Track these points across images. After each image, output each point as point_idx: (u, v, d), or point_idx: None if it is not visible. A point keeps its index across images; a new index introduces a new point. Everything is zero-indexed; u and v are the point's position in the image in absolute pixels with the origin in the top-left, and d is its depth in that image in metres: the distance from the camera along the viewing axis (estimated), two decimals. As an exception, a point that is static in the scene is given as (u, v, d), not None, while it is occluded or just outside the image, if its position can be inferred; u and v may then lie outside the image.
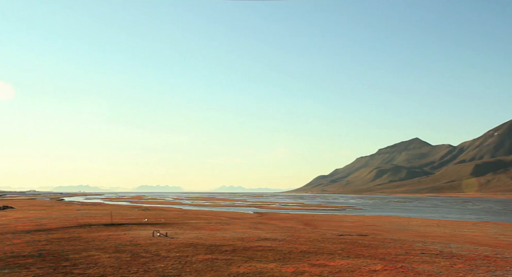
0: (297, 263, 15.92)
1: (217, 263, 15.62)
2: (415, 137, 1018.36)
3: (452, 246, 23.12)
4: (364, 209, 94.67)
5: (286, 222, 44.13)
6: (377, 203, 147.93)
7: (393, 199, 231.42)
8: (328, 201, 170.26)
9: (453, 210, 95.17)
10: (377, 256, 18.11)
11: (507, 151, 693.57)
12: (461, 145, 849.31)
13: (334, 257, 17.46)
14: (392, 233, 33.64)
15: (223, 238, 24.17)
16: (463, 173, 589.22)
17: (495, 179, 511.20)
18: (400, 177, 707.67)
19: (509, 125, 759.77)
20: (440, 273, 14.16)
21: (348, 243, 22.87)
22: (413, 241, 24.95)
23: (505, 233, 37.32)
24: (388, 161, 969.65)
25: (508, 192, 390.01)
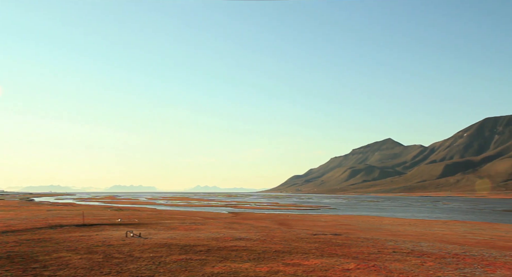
0: (271, 262, 15.98)
1: (191, 263, 15.54)
2: (388, 138, 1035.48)
3: (423, 244, 23.60)
4: (338, 208, 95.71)
5: (261, 222, 44.22)
6: (351, 202, 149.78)
7: (366, 198, 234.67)
8: (303, 200, 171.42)
9: (424, 209, 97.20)
10: (350, 255, 18.33)
11: (475, 151, 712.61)
12: (432, 146, 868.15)
13: (308, 256, 17.59)
14: (365, 232, 34.12)
15: (198, 238, 24.06)
16: (434, 173, 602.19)
17: (464, 179, 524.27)
18: (373, 177, 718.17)
19: (478, 127, 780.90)
20: (411, 271, 14.43)
21: (322, 242, 23.07)
22: (386, 240, 25.36)
23: (473, 231, 38.34)
24: (361, 161, 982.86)
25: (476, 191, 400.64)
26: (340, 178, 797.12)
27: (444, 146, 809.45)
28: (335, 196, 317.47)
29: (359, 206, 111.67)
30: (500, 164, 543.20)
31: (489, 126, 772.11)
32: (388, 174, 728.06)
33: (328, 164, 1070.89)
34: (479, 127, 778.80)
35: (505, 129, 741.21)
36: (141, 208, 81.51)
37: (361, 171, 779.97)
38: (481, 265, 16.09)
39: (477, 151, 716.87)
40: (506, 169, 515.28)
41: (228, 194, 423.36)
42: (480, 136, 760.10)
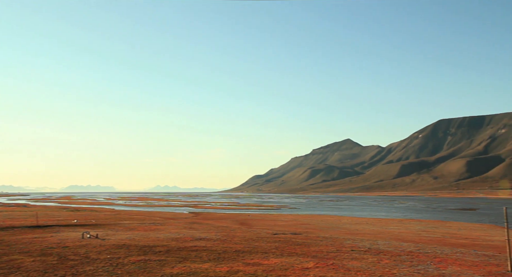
0: (231, 262, 15.96)
1: (150, 264, 15.29)
2: (347, 138, 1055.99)
3: (380, 242, 24.20)
4: (298, 208, 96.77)
5: (221, 222, 44.10)
6: (311, 202, 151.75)
7: (325, 198, 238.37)
8: (263, 200, 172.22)
9: (381, 208, 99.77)
10: (310, 254, 18.56)
11: (430, 152, 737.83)
12: (389, 146, 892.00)
13: (268, 256, 17.68)
14: (324, 231, 34.66)
15: (157, 239, 23.72)
16: (390, 173, 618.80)
17: (419, 179, 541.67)
18: (332, 177, 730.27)
19: (432, 128, 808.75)
20: (368, 269, 14.76)
21: (282, 242, 23.25)
22: (344, 239, 25.84)
23: (426, 229, 39.69)
24: (321, 161, 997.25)
25: (431, 191, 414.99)
26: (300, 177, 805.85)
27: (401, 147, 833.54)
28: (295, 196, 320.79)
29: (318, 206, 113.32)
30: (452, 164, 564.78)
31: (443, 128, 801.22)
32: (347, 173, 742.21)
33: (289, 164, 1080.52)
34: (433, 129, 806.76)
35: (457, 131, 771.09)
36: (99, 208, 79.57)
37: (321, 170, 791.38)
38: (434, 262, 16.67)
39: (431, 151, 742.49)
40: (458, 169, 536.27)
41: (189, 194, 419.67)
42: (434, 137, 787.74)
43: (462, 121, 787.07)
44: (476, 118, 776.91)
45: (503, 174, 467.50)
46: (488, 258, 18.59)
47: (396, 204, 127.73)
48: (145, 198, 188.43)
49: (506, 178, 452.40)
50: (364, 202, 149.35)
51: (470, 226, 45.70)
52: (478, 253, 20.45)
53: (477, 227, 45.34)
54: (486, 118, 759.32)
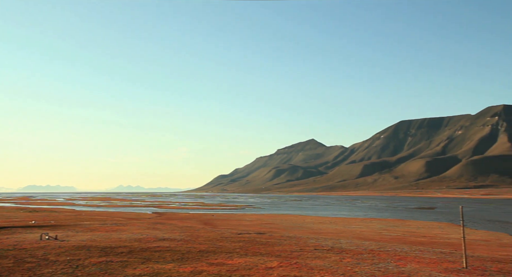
0: (195, 262, 15.84)
1: (111, 266, 14.97)
2: (311, 139, 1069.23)
3: (342, 241, 24.61)
4: (263, 207, 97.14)
5: (186, 222, 43.74)
6: (275, 201, 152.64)
7: (290, 197, 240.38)
8: (228, 200, 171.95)
9: (344, 207, 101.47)
10: (274, 253, 18.66)
11: (391, 152, 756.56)
12: (352, 146, 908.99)
13: (232, 256, 17.66)
14: (288, 230, 34.94)
15: (119, 240, 23.26)
16: (353, 173, 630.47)
17: (380, 178, 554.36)
18: (296, 177, 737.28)
19: (394, 129, 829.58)
20: (331, 268, 14.98)
21: (246, 241, 23.27)
22: (307, 238, 26.13)
23: (387, 228, 40.69)
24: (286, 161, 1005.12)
25: (392, 190, 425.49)
26: (265, 177, 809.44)
27: (363, 147, 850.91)
28: (260, 196, 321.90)
29: (283, 205, 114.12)
30: (412, 164, 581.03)
31: (403, 129, 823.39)
32: (311, 173, 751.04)
33: (254, 164, 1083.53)
34: (394, 130, 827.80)
35: (417, 131, 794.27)
36: (59, 209, 77.32)
37: (285, 170, 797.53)
38: (394, 260, 17.10)
39: (393, 151, 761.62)
40: (418, 169, 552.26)
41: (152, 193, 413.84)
42: (395, 138, 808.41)
43: (421, 122, 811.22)
44: (434, 120, 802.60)
45: (460, 174, 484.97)
46: (445, 255, 19.25)
47: (358, 203, 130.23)
48: (107, 198, 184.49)
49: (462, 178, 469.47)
50: (327, 202, 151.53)
51: (428, 225, 47.18)
52: (436, 251, 21.13)
53: (435, 225, 46.86)
54: (444, 120, 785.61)
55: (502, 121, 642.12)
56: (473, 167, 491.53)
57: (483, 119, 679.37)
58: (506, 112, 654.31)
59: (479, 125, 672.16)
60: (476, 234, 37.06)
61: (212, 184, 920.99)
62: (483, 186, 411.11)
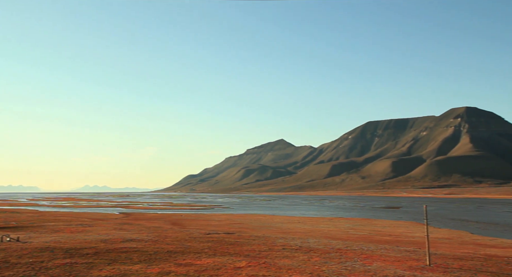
0: (163, 263, 15.68)
1: (76, 268, 14.63)
2: (280, 139, 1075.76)
3: (310, 241, 24.86)
4: (232, 207, 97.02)
5: (153, 222, 43.23)
6: (244, 201, 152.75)
7: (259, 197, 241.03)
8: (197, 200, 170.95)
9: (312, 207, 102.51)
10: (242, 253, 18.67)
11: (359, 153, 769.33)
12: (321, 147, 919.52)
13: (201, 256, 17.58)
14: (257, 230, 35.03)
15: (85, 241, 22.77)
16: (322, 173, 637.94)
17: (348, 178, 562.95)
18: (266, 177, 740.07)
19: (361, 130, 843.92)
20: (299, 267, 15.11)
21: (215, 242, 23.20)
22: (276, 238, 26.26)
23: (354, 227, 41.35)
24: (255, 160, 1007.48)
25: (359, 190, 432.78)
26: (234, 177, 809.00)
27: (332, 147, 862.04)
28: (229, 195, 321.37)
29: (252, 205, 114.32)
30: (379, 164, 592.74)
31: (371, 129, 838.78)
32: (280, 173, 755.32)
33: (223, 164, 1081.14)
34: (362, 130, 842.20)
35: (384, 132, 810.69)
36: (21, 209, 74.96)
37: (254, 170, 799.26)
38: (360, 258, 17.41)
39: (360, 152, 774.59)
40: (384, 169, 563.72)
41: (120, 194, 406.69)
42: (363, 138, 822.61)
43: (388, 123, 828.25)
44: (400, 121, 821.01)
45: (424, 174, 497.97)
46: (409, 253, 19.73)
47: (326, 203, 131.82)
48: (73, 199, 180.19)
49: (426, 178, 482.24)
50: (296, 201, 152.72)
51: (394, 224, 48.22)
52: (401, 249, 21.63)
53: (400, 224, 47.93)
54: (410, 121, 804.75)
55: (464, 123, 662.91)
56: (437, 167, 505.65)
57: (446, 121, 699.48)
58: (468, 114, 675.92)
59: (443, 126, 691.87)
60: (439, 232, 38.12)
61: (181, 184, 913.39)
62: (446, 186, 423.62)
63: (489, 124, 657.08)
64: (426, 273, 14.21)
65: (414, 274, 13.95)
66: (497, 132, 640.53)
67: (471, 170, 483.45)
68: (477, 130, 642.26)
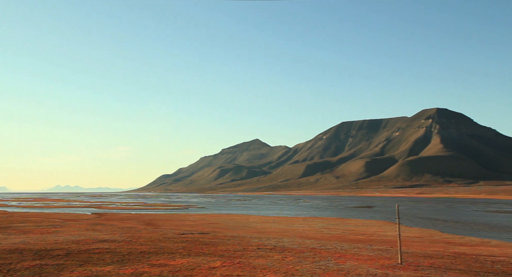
0: (136, 264, 15.48)
1: (46, 269, 14.30)
2: (255, 139, 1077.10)
3: (285, 240, 24.97)
4: (207, 207, 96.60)
5: (127, 222, 42.66)
6: (219, 201, 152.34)
7: (234, 197, 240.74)
8: (171, 200, 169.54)
9: (287, 207, 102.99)
10: (217, 253, 18.61)
11: (333, 153, 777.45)
12: (296, 147, 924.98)
13: (175, 256, 17.43)
14: (232, 230, 34.97)
15: (55, 242, 22.27)
16: (296, 173, 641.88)
17: (322, 178, 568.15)
18: (241, 176, 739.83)
19: (335, 130, 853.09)
20: (273, 266, 15.16)
21: (189, 242, 23.05)
22: (251, 237, 26.28)
23: (328, 227, 41.75)
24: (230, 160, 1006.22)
25: (333, 190, 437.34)
26: (209, 177, 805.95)
27: (306, 147, 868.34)
28: (204, 195, 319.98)
29: (227, 205, 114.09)
30: (352, 164, 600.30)
31: (345, 130, 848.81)
32: (255, 173, 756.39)
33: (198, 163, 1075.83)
34: (336, 131, 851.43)
35: (358, 133, 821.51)
36: (-11, 210, 72.83)
37: (229, 170, 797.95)
38: (334, 257, 17.58)
39: (334, 152, 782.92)
40: (357, 169, 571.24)
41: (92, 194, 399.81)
42: (337, 139, 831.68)
43: (362, 124, 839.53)
44: (374, 121, 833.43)
45: (397, 174, 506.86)
46: (381, 252, 20.04)
47: (301, 203, 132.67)
48: (43, 199, 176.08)
49: (399, 177, 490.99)
50: (271, 201, 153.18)
51: (367, 223, 48.91)
52: (373, 248, 21.95)
53: (373, 223, 48.66)
54: (383, 122, 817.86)
55: (435, 124, 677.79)
56: (409, 167, 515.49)
57: (418, 122, 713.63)
58: (439, 115, 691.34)
59: (415, 127, 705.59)
60: (410, 231, 38.87)
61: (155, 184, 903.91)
62: (418, 185, 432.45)
63: (459, 125, 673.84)
64: (397, 271, 14.46)
65: (386, 273, 14.17)
66: (466, 133, 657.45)
67: (441, 170, 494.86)
68: (447, 131, 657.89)
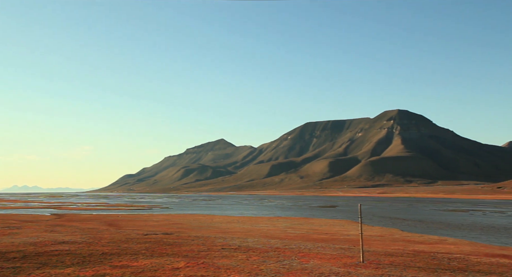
0: (97, 266, 15.13)
1: (1, 273, 13.76)
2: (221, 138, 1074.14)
3: (249, 240, 25.01)
4: (171, 207, 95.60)
5: (88, 223, 41.66)
6: (184, 201, 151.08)
7: (199, 197, 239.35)
8: (135, 200, 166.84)
9: (252, 206, 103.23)
10: (181, 253, 18.44)
11: (297, 153, 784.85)
12: (261, 147, 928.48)
13: (138, 257, 17.15)
14: (196, 230, 34.75)
15: (12, 244, 21.47)
16: (261, 172, 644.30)
17: (287, 178, 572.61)
18: (206, 176, 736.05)
19: (300, 130, 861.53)
20: (237, 266, 15.15)
21: (152, 242, 22.74)
22: (215, 238, 26.18)
23: (292, 226, 42.12)
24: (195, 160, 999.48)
25: (297, 189, 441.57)
26: (173, 177, 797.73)
27: (271, 147, 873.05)
28: (168, 195, 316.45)
29: (191, 205, 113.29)
30: (316, 165, 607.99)
31: (309, 130, 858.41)
32: (220, 173, 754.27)
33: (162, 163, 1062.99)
34: (300, 131, 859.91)
35: (322, 133, 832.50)
36: None
37: (194, 170, 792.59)
38: (298, 257, 17.75)
39: (299, 152, 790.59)
40: (321, 169, 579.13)
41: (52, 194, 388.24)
42: (302, 139, 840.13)
43: (326, 124, 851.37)
44: (338, 122, 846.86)
45: (359, 174, 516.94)
46: (344, 251, 20.39)
47: (266, 203, 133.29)
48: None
49: (361, 177, 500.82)
50: (236, 201, 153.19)
51: (330, 222, 49.64)
52: (336, 247, 22.31)
53: (336, 222, 49.44)
54: (346, 123, 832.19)
55: (396, 125, 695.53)
56: (371, 167, 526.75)
57: (380, 123, 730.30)
58: (400, 117, 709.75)
59: (377, 128, 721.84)
60: (372, 230, 39.72)
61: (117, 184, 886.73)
62: (380, 185, 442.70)
63: (419, 126, 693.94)
64: (359, 270, 14.75)
65: (349, 271, 14.43)
66: (426, 135, 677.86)
67: (402, 170, 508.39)
68: (408, 132, 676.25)
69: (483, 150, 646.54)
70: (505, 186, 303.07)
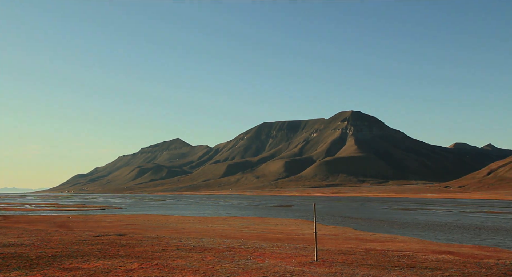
0: (46, 268, 14.60)
1: None
2: (176, 138, 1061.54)
3: (204, 240, 24.90)
4: (124, 208, 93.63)
5: (37, 225, 40.11)
6: (138, 201, 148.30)
7: (153, 197, 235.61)
8: (87, 200, 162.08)
9: (207, 206, 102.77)
10: (134, 254, 18.12)
11: (253, 153, 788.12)
12: (217, 146, 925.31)
13: (89, 259, 16.70)
14: (150, 231, 34.22)
15: (-47, 248, 20.35)
16: (217, 172, 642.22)
17: (243, 178, 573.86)
18: (161, 176, 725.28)
19: (256, 130, 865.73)
20: (192, 267, 15.06)
21: (105, 244, 22.20)
22: (170, 238, 25.89)
23: (248, 226, 42.29)
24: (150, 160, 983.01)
25: (254, 189, 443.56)
26: (127, 177, 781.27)
27: (228, 147, 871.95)
28: (122, 196, 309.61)
29: (146, 205, 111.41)
30: (272, 164, 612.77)
31: (265, 130, 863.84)
32: (175, 173, 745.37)
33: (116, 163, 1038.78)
34: (257, 131, 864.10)
35: (278, 133, 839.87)
36: None
37: (149, 169, 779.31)
38: (253, 256, 17.85)
39: (255, 152, 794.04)
40: (277, 169, 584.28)
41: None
42: (258, 139, 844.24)
43: (282, 125, 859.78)
44: (293, 122, 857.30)
45: (314, 174, 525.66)
46: (299, 250, 20.69)
47: (221, 203, 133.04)
48: None
49: (316, 177, 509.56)
50: (191, 201, 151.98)
51: (285, 222, 50.21)
52: (291, 246, 22.60)
53: (292, 222, 50.06)
54: (302, 123, 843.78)
55: (350, 126, 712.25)
56: (326, 167, 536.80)
57: (334, 124, 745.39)
58: (354, 118, 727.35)
59: (331, 129, 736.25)
60: (326, 229, 40.52)
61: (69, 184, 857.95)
62: (334, 185, 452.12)
63: (371, 127, 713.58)
64: (313, 268, 15.01)
65: (303, 270, 14.66)
66: (378, 135, 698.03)
67: (355, 170, 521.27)
68: (361, 133, 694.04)
69: (431, 150, 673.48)
70: (451, 185, 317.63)
